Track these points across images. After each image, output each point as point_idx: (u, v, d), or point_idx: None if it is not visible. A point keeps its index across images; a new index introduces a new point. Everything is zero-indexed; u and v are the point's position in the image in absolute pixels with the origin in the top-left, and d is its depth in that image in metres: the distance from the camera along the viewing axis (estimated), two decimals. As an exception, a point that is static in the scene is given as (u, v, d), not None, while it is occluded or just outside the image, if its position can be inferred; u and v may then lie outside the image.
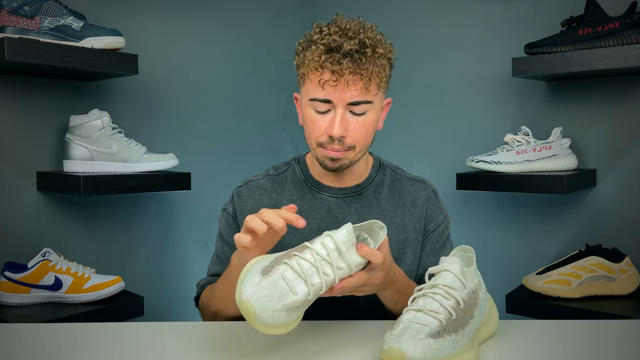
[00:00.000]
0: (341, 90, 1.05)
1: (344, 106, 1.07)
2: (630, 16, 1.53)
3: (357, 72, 1.04)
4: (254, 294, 0.79)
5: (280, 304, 0.80)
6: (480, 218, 1.96)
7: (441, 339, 0.79)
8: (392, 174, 1.27)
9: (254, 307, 0.78)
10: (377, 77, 1.07)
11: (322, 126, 1.09)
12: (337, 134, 1.07)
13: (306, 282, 0.83)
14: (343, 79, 1.05)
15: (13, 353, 0.89)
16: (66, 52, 1.39)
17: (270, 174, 1.27)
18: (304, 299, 0.82)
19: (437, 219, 1.24)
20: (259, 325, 0.80)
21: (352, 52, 1.04)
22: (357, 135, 1.09)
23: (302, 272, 0.83)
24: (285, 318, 0.81)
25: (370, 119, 1.10)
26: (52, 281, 1.44)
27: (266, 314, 0.79)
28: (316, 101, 1.08)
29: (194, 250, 1.98)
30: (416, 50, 2.07)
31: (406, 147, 2.11)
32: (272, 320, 0.80)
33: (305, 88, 1.11)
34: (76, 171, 1.52)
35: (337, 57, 1.04)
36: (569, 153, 1.70)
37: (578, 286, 1.55)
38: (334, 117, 1.07)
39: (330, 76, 1.05)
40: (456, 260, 0.89)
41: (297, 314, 0.83)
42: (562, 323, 1.02)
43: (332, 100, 1.07)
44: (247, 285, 0.80)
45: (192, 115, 1.94)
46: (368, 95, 1.07)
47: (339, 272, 0.86)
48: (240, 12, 2.08)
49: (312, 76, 1.08)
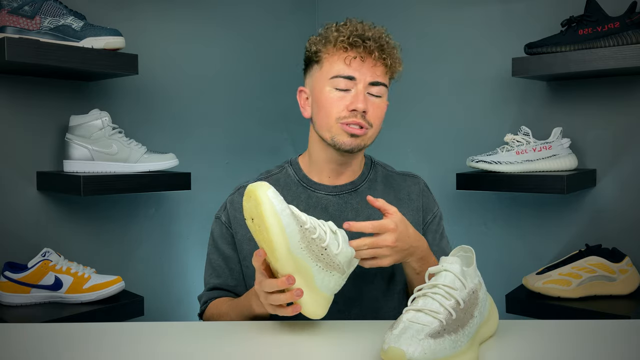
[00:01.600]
0: (366, 69, 1.13)
1: (365, 85, 1.13)
2: (630, 16, 1.53)
3: (382, 54, 1.13)
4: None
5: None
6: (480, 218, 1.96)
7: (441, 339, 0.79)
8: (384, 170, 1.29)
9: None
10: (394, 65, 1.16)
11: (342, 103, 1.13)
12: (361, 107, 1.12)
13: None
14: (371, 57, 1.12)
15: (13, 353, 0.89)
16: (66, 52, 1.39)
17: (262, 177, 1.27)
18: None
19: (433, 209, 1.28)
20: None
21: (376, 37, 1.13)
22: (375, 114, 1.15)
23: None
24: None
25: (384, 104, 1.17)
26: (52, 281, 1.44)
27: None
28: (339, 77, 1.13)
29: (194, 250, 1.98)
30: (416, 50, 2.07)
31: (406, 147, 2.11)
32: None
33: (325, 70, 1.15)
34: (76, 171, 1.52)
35: (364, 37, 1.12)
36: (568, 153, 1.70)
37: (578, 286, 1.55)
38: (357, 93, 1.13)
39: (358, 54, 1.12)
40: (456, 260, 0.89)
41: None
42: (562, 323, 1.02)
43: (356, 77, 1.13)
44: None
45: (192, 115, 1.94)
46: (386, 79, 1.16)
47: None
48: (240, 12, 2.08)
49: (336, 55, 1.14)
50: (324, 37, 1.16)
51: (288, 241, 0.89)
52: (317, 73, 1.17)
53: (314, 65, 1.18)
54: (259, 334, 0.97)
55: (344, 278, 0.97)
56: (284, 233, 0.88)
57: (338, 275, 0.95)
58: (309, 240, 0.91)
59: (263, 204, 0.88)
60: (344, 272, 0.96)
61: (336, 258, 0.93)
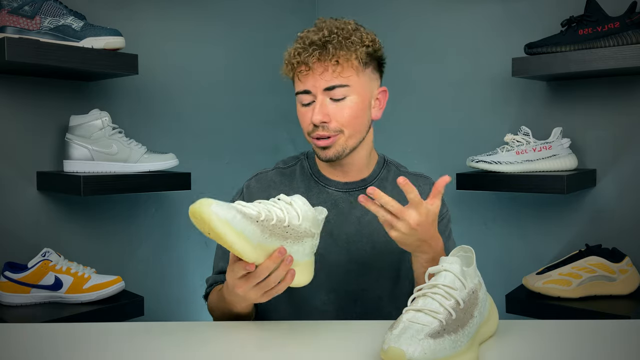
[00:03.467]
0: (313, 78, 1.12)
1: (322, 93, 1.13)
2: (630, 16, 1.53)
3: (323, 57, 1.11)
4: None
5: None
6: (480, 218, 1.96)
7: (441, 339, 0.79)
8: (396, 170, 1.30)
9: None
10: (347, 61, 1.12)
11: (307, 117, 1.15)
12: (316, 120, 1.12)
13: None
14: (314, 66, 1.11)
15: (13, 353, 0.89)
16: (66, 52, 1.39)
17: (280, 167, 1.30)
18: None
19: (442, 211, 1.27)
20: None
21: (319, 42, 1.11)
22: (341, 118, 1.13)
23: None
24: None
25: (353, 103, 1.14)
26: (52, 281, 1.44)
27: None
28: (299, 94, 1.16)
29: (194, 250, 1.98)
30: (416, 50, 2.07)
31: (406, 147, 2.11)
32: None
33: (294, 88, 1.18)
34: (76, 171, 1.52)
35: (307, 49, 1.11)
36: (568, 153, 1.70)
37: (578, 286, 1.55)
38: (314, 106, 1.13)
39: (303, 67, 1.12)
40: (456, 260, 0.89)
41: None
42: (562, 323, 1.02)
43: (309, 90, 1.13)
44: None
45: (192, 115, 1.94)
46: (341, 78, 1.12)
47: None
48: (240, 12, 2.08)
49: (291, 74, 1.16)
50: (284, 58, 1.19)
51: (250, 240, 0.89)
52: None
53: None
54: (258, 335, 0.97)
55: (317, 237, 0.99)
56: (243, 236, 0.89)
57: (309, 239, 0.97)
58: (270, 228, 0.91)
59: (211, 221, 0.88)
60: (314, 234, 0.97)
61: (300, 228, 0.94)
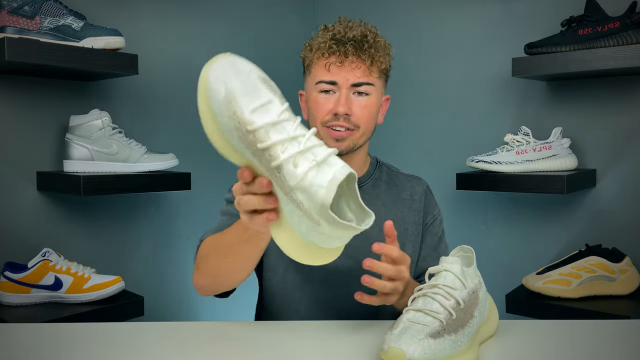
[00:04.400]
0: (346, 72, 1.14)
1: (348, 87, 1.15)
2: (630, 16, 1.53)
3: (360, 55, 1.14)
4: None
5: None
6: (480, 218, 1.96)
7: (441, 339, 0.79)
8: (389, 171, 1.31)
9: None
10: (378, 61, 1.16)
11: (327, 107, 1.16)
12: (342, 111, 1.14)
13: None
14: (348, 60, 1.14)
15: (13, 353, 0.89)
16: (66, 52, 1.39)
17: None
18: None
19: (433, 212, 1.30)
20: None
21: (355, 38, 1.14)
22: (361, 114, 1.16)
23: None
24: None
25: (372, 103, 1.18)
26: (52, 281, 1.44)
27: None
28: (322, 83, 1.16)
29: (193, 250, 1.97)
30: (416, 51, 2.07)
31: (407, 147, 2.11)
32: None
33: (312, 75, 1.19)
34: (76, 171, 1.52)
35: (342, 41, 1.14)
36: (568, 153, 1.70)
37: (578, 286, 1.55)
38: (340, 96, 1.15)
39: (336, 59, 1.15)
40: (456, 260, 0.89)
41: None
42: (562, 323, 1.02)
43: (337, 81, 1.15)
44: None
45: (192, 115, 1.93)
46: (370, 78, 1.16)
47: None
48: (241, 12, 2.08)
49: (318, 62, 1.17)
50: (310, 44, 1.20)
51: (223, 133, 0.70)
52: (308, 78, 1.22)
53: (305, 71, 1.23)
54: (259, 335, 0.97)
55: (325, 234, 0.69)
56: (214, 120, 0.70)
57: (307, 220, 0.68)
58: (253, 148, 0.68)
59: (199, 80, 0.71)
60: (317, 222, 0.67)
61: (293, 193, 0.67)
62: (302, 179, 0.66)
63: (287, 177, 0.67)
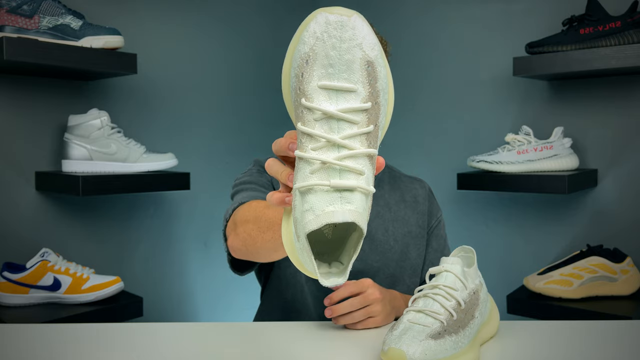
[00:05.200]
0: None
1: None
2: (632, 15, 1.52)
3: None
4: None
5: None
6: (481, 218, 1.96)
7: (442, 339, 0.79)
8: (390, 171, 1.30)
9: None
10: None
11: None
12: None
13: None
14: None
15: (12, 353, 0.89)
16: (65, 52, 1.39)
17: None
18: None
19: (437, 215, 1.29)
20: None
21: None
22: None
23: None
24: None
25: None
26: (51, 282, 1.44)
27: None
28: None
29: (193, 250, 1.97)
30: (417, 51, 2.07)
31: (407, 147, 2.11)
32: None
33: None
34: (75, 171, 1.52)
35: None
36: (570, 153, 1.70)
37: (579, 287, 1.54)
38: None
39: None
40: (457, 261, 0.88)
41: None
42: (563, 324, 1.02)
43: None
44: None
45: (191, 115, 1.94)
46: None
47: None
48: (240, 12, 2.07)
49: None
50: None
51: (289, 70, 0.61)
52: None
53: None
54: (258, 335, 0.96)
55: (298, 246, 0.59)
56: (290, 59, 0.62)
57: (293, 227, 0.59)
58: (299, 110, 0.57)
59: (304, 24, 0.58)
60: (297, 235, 0.57)
61: (294, 191, 0.58)
62: (306, 189, 0.55)
63: (297, 173, 0.56)
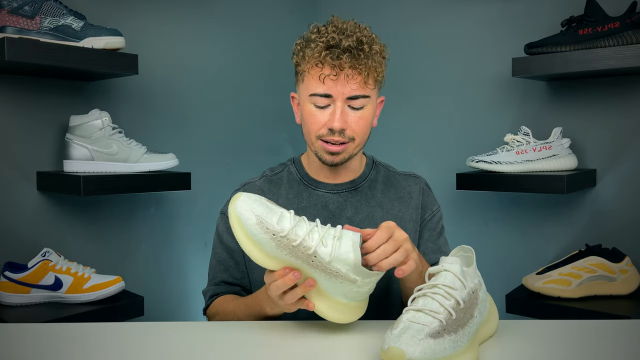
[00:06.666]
0: (341, 85, 1.10)
1: (344, 100, 1.11)
2: (630, 16, 1.53)
3: (356, 67, 1.09)
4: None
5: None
6: (480, 218, 1.96)
7: (441, 339, 0.79)
8: (385, 171, 1.30)
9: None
10: (374, 72, 1.12)
11: (321, 120, 1.13)
12: (337, 127, 1.11)
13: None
14: (343, 73, 1.09)
15: (13, 353, 0.89)
16: (66, 52, 1.39)
17: (267, 175, 1.29)
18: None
19: (432, 208, 1.29)
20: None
21: (351, 48, 1.09)
22: (357, 127, 1.13)
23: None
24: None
25: (368, 113, 1.15)
26: (52, 281, 1.44)
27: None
28: (316, 96, 1.12)
29: (193, 250, 1.98)
30: (416, 51, 2.07)
31: (406, 147, 2.11)
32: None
33: (305, 85, 1.15)
34: (76, 171, 1.52)
35: (336, 52, 1.09)
36: (569, 153, 1.70)
37: (578, 286, 1.55)
38: (334, 110, 1.11)
39: (330, 71, 1.10)
40: (456, 260, 0.89)
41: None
42: (562, 323, 1.02)
43: (332, 94, 1.11)
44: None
45: (192, 115, 1.94)
46: (366, 90, 1.12)
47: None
48: (240, 12, 2.08)
49: (312, 72, 1.12)
50: (302, 49, 1.15)
51: (263, 250, 0.89)
52: (301, 85, 1.17)
53: (297, 76, 1.19)
54: (258, 335, 0.97)
55: (361, 286, 0.91)
56: (254, 242, 0.89)
57: (348, 283, 0.89)
58: (290, 247, 0.88)
59: (230, 217, 0.90)
60: (354, 280, 0.89)
61: (331, 265, 0.88)
62: (334, 253, 0.88)
63: (323, 257, 0.88)
